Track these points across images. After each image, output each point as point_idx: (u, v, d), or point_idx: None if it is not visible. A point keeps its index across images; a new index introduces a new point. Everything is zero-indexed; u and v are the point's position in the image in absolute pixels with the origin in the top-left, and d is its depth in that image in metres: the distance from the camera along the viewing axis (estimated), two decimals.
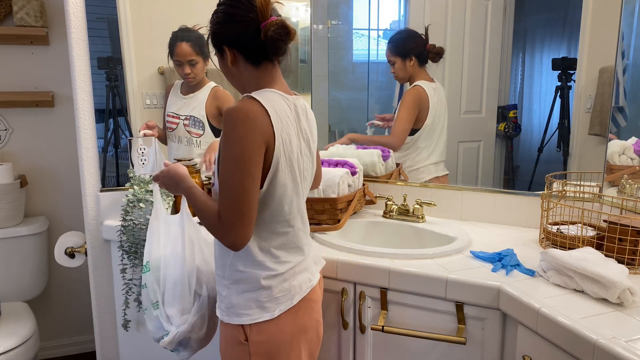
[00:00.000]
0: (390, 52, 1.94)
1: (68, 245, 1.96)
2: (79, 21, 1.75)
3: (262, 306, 1.17)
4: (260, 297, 1.17)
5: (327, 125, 2.16)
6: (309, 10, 2.10)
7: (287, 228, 1.20)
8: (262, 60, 1.17)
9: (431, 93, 1.89)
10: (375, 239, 1.75)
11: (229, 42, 1.16)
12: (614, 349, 0.91)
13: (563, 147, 1.70)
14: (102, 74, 1.88)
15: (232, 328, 1.19)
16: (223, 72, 1.23)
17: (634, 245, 1.27)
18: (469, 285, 1.26)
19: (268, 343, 1.18)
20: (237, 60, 1.17)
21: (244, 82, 1.20)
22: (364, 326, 1.43)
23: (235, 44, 1.16)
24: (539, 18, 1.75)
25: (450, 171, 1.93)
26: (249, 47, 1.15)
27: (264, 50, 1.15)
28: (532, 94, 1.76)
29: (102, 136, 1.91)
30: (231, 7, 1.14)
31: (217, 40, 1.18)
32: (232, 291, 1.19)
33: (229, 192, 1.09)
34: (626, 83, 1.55)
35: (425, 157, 1.93)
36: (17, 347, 1.96)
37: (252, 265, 1.17)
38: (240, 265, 1.18)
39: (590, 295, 1.14)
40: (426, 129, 1.90)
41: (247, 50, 1.16)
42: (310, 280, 1.26)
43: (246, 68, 1.18)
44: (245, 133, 1.07)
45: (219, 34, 1.17)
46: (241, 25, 1.13)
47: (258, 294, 1.17)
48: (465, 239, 1.54)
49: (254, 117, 1.09)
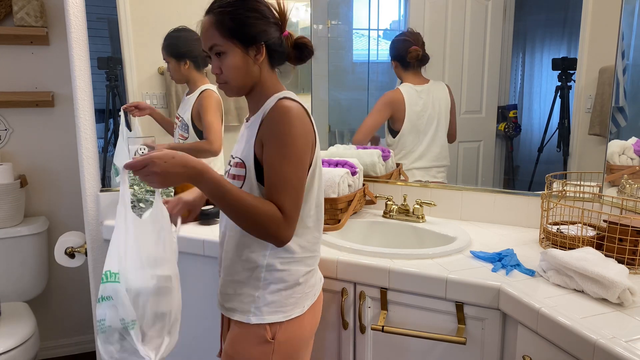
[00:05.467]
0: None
1: (68, 245, 1.96)
2: (79, 21, 1.75)
3: (296, 302, 1.21)
4: (295, 294, 1.21)
5: (327, 125, 2.16)
6: (309, 10, 2.10)
7: (317, 223, 1.24)
8: (277, 65, 1.23)
9: (411, 96, 1.86)
10: (375, 239, 1.75)
11: (264, 38, 1.16)
12: (614, 349, 0.91)
13: (563, 147, 1.70)
14: (102, 74, 1.88)
15: (258, 328, 1.19)
16: (238, 67, 1.16)
17: (634, 245, 1.27)
18: (469, 285, 1.26)
19: (292, 340, 1.21)
20: (262, 59, 1.18)
21: (262, 83, 1.20)
22: (364, 326, 1.43)
23: (267, 42, 1.17)
24: (539, 18, 1.75)
25: (450, 171, 1.93)
26: (276, 48, 1.19)
27: (283, 56, 1.21)
28: (532, 94, 1.76)
29: (102, 136, 1.91)
30: (259, 4, 1.16)
31: (253, 31, 1.15)
32: (267, 291, 1.19)
33: (292, 188, 1.11)
34: (626, 83, 1.55)
35: (410, 160, 1.91)
36: (17, 347, 1.96)
37: (292, 262, 1.20)
38: (278, 264, 1.19)
39: (590, 295, 1.14)
40: (405, 132, 1.89)
41: (274, 51, 1.19)
42: (320, 274, 1.32)
43: (264, 68, 1.19)
44: (302, 131, 1.12)
45: (255, 26, 1.15)
46: (273, 24, 1.18)
47: (294, 291, 1.21)
48: (465, 239, 1.54)
49: (305, 117, 1.15)
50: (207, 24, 1.15)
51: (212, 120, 1.95)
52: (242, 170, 1.18)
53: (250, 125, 1.21)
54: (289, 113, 1.11)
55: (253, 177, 1.16)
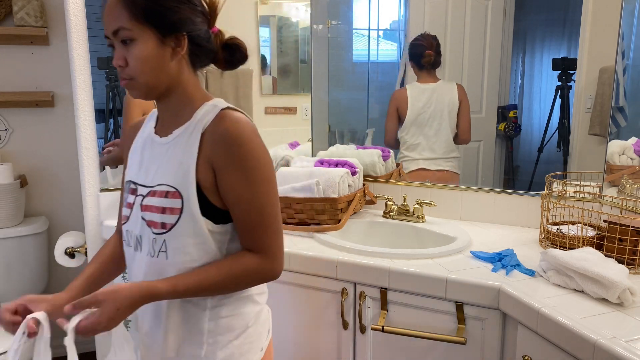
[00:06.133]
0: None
1: (68, 245, 1.96)
2: (79, 21, 1.75)
3: (250, 349, 1.02)
4: (249, 338, 1.02)
5: (327, 126, 2.16)
6: (309, 10, 2.10)
7: None
8: (201, 66, 1.00)
9: (415, 93, 1.94)
10: (375, 239, 1.75)
11: (187, 28, 0.93)
12: (614, 349, 0.91)
13: (563, 147, 1.70)
14: (102, 74, 1.88)
15: None
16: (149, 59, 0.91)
17: (634, 245, 1.27)
18: (469, 285, 1.26)
19: None
20: (182, 56, 0.95)
21: (183, 85, 0.97)
22: (364, 326, 1.43)
23: (191, 33, 0.93)
24: (539, 18, 1.75)
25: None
26: (202, 43, 0.96)
27: (208, 55, 0.98)
28: (532, 94, 1.77)
29: (102, 136, 1.91)
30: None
31: (175, 17, 0.91)
32: (215, 347, 0.98)
33: (271, 219, 0.94)
34: (626, 83, 1.55)
35: (413, 150, 1.98)
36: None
37: (239, 302, 1.00)
38: (223, 311, 0.99)
39: (590, 295, 1.14)
40: (407, 124, 1.96)
41: (198, 47, 0.96)
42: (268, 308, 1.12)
43: (184, 67, 0.96)
44: (264, 147, 0.94)
45: (178, 11, 0.91)
46: (200, 14, 0.95)
47: (247, 335, 1.02)
48: (465, 239, 1.54)
49: (257, 130, 0.96)
50: (114, 2, 0.90)
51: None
52: (176, 202, 0.93)
53: (176, 141, 0.97)
54: (246, 128, 0.92)
55: (196, 211, 0.92)
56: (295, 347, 1.56)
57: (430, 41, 1.90)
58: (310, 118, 2.11)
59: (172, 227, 0.94)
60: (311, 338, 1.52)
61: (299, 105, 2.25)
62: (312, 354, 1.53)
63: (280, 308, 1.54)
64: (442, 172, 1.93)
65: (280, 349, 1.57)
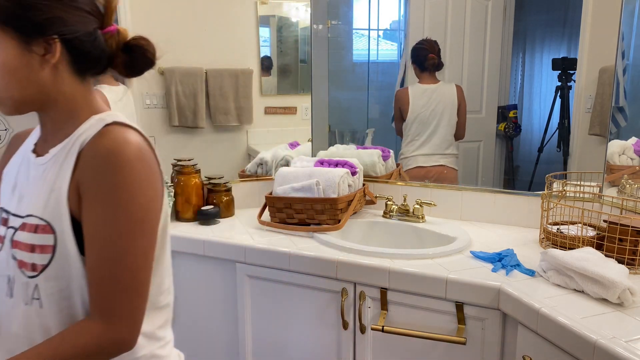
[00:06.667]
0: None
1: None
2: None
3: None
4: None
5: (327, 126, 2.16)
6: (309, 10, 2.10)
7: (170, 296, 0.88)
8: (92, 73, 0.81)
9: (416, 93, 1.97)
10: (375, 239, 1.75)
11: (58, 29, 0.74)
12: (614, 349, 0.91)
13: (563, 147, 1.70)
14: None
15: None
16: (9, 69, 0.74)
17: (634, 245, 1.27)
18: (469, 285, 1.26)
19: None
20: (58, 63, 0.76)
21: (66, 97, 0.78)
22: (364, 326, 1.43)
23: (66, 36, 0.75)
24: (539, 18, 1.75)
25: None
26: (85, 47, 0.77)
27: (100, 60, 0.80)
28: (532, 94, 1.77)
29: None
30: None
31: (39, 17, 0.73)
32: None
33: (127, 271, 0.73)
34: (626, 83, 1.55)
35: (414, 147, 2.00)
36: None
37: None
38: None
39: (591, 295, 1.14)
40: (409, 122, 1.99)
41: (80, 51, 0.77)
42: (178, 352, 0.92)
43: (65, 75, 0.78)
44: (146, 178, 0.75)
45: (44, 9, 0.73)
46: (81, 12, 0.76)
47: None
48: (465, 239, 1.54)
49: (148, 153, 0.77)
50: None
51: None
52: (48, 238, 0.75)
53: (53, 161, 0.78)
54: (127, 151, 0.73)
55: (72, 248, 0.74)
56: (295, 347, 1.56)
57: (433, 45, 1.93)
58: (310, 118, 2.11)
59: (44, 269, 0.75)
60: (311, 338, 1.52)
61: (299, 105, 2.25)
62: (312, 354, 1.53)
63: (280, 308, 1.54)
64: (439, 167, 1.95)
65: (280, 349, 1.57)
